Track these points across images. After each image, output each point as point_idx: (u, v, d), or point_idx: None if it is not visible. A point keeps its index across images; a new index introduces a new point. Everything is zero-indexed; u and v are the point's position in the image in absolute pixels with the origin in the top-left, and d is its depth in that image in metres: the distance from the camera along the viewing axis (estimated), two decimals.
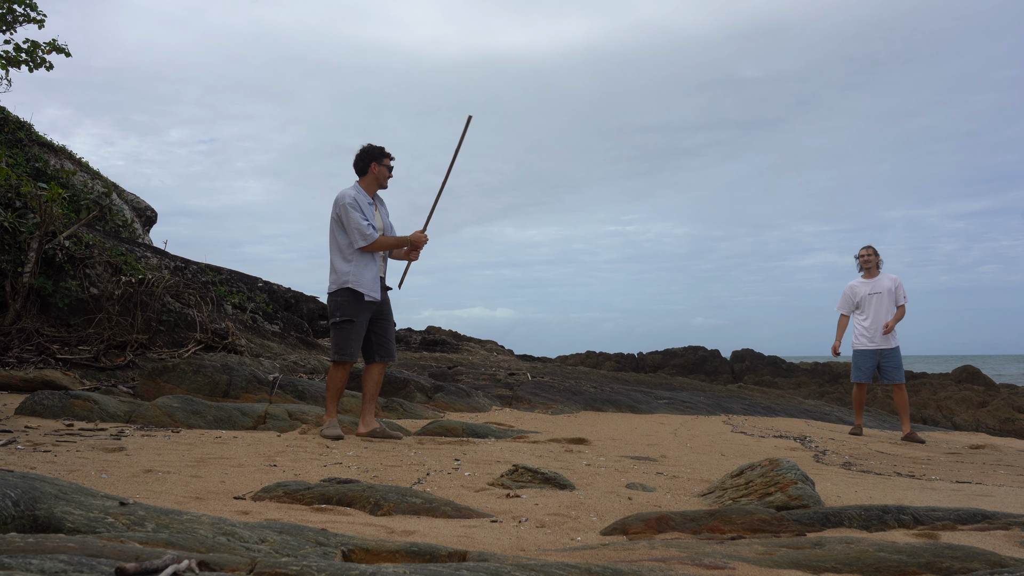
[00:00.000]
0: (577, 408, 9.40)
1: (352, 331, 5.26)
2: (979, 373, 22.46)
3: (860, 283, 8.16)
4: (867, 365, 8.06)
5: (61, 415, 5.53)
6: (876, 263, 8.14)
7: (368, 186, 5.42)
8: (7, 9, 10.29)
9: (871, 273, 8.13)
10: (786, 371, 27.30)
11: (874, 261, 8.12)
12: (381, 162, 5.41)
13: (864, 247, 8.23)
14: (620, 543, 2.57)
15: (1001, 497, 4.17)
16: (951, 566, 2.16)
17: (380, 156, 5.42)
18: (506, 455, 4.79)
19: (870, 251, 8.17)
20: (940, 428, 12.44)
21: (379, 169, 5.41)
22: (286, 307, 14.61)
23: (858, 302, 8.10)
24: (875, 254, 8.16)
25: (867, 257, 8.15)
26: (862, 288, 8.11)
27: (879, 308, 7.98)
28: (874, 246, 8.21)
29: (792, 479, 3.51)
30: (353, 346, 5.27)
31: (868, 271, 8.14)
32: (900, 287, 8.01)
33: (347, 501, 3.14)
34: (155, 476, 3.51)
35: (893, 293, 7.99)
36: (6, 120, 12.98)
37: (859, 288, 8.13)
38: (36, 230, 8.79)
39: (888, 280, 8.05)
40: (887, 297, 7.98)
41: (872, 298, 8.02)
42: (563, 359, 28.89)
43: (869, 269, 8.13)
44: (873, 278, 8.10)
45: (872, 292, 8.03)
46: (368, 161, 5.41)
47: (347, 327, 5.26)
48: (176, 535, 1.84)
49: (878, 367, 8.05)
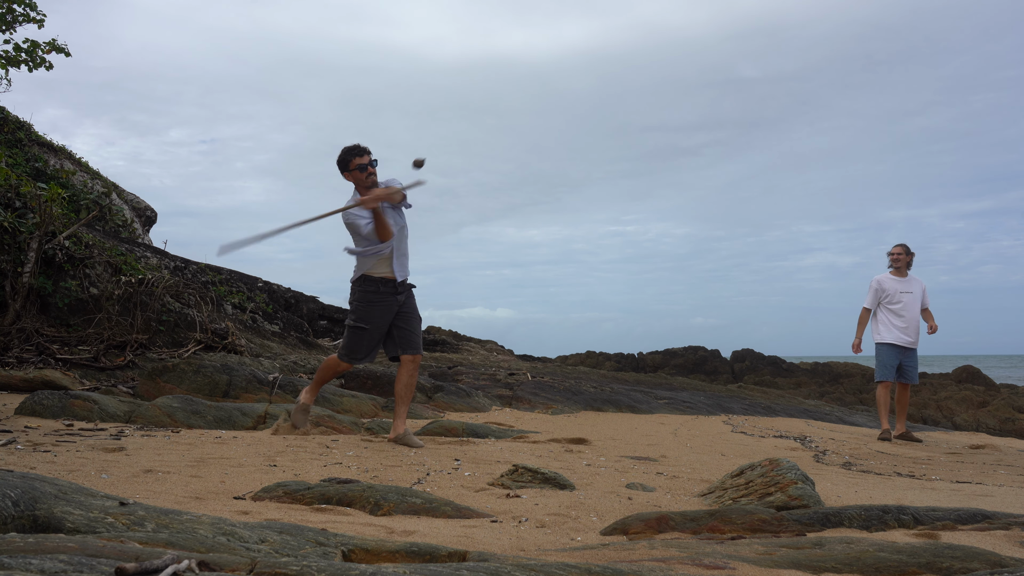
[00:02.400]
0: (577, 408, 9.39)
1: (364, 337, 5.02)
2: (979, 373, 22.45)
3: (890, 280, 7.86)
4: (893, 362, 7.74)
5: (61, 415, 5.53)
6: (907, 262, 7.89)
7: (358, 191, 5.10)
8: (7, 9, 10.29)
9: (901, 272, 7.88)
10: (786, 371, 27.30)
11: (905, 260, 7.87)
12: (349, 168, 4.98)
13: (897, 244, 7.95)
14: (620, 543, 2.57)
15: (1001, 497, 4.17)
16: (951, 566, 2.16)
17: (345, 164, 5.00)
18: (506, 455, 4.79)
19: (903, 249, 7.91)
20: (940, 428, 12.44)
21: (350, 176, 5.01)
22: (286, 307, 14.61)
23: (888, 299, 7.80)
24: (907, 252, 7.90)
25: (898, 255, 7.88)
26: (894, 285, 7.81)
27: (909, 307, 7.74)
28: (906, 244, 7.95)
29: (792, 479, 3.51)
30: (361, 352, 5.05)
31: (898, 270, 7.88)
32: (925, 292, 7.86)
33: (347, 501, 3.14)
34: (155, 476, 3.51)
35: (921, 296, 7.80)
36: (6, 120, 12.98)
37: (889, 285, 7.83)
38: (36, 230, 8.79)
39: (918, 283, 7.85)
40: (917, 299, 7.78)
41: (905, 296, 7.76)
42: (563, 359, 28.88)
43: (899, 268, 7.87)
44: (904, 277, 7.86)
45: (905, 291, 7.78)
46: (342, 170, 5.03)
47: (359, 332, 5.03)
48: (176, 535, 1.84)
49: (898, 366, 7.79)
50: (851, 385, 22.51)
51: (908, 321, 7.75)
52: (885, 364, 7.77)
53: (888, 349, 7.78)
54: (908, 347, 7.77)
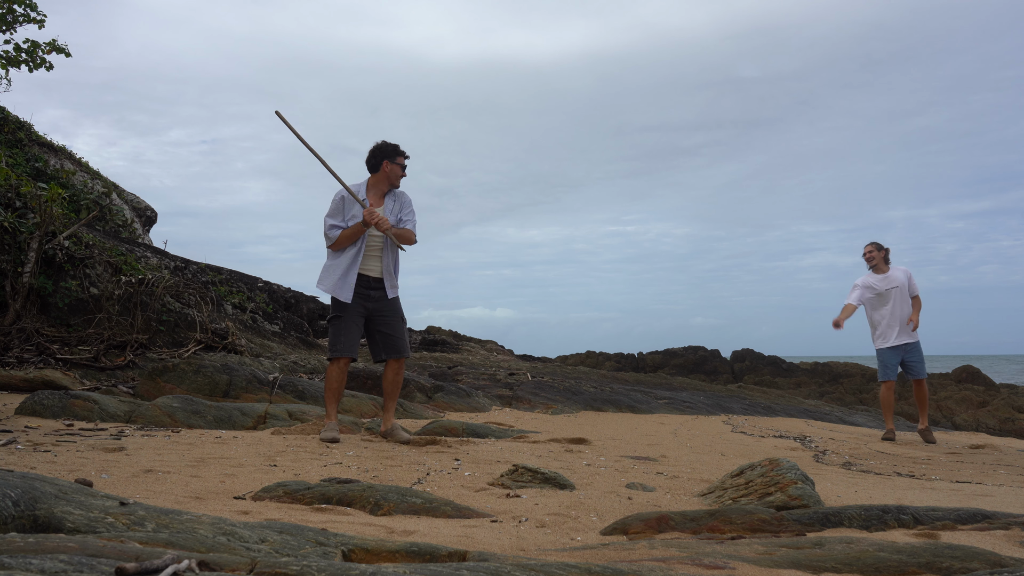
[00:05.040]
0: (577, 408, 9.39)
1: (339, 327, 5.20)
2: (979, 373, 22.45)
3: (872, 277, 7.82)
4: (893, 362, 7.73)
5: (61, 415, 5.53)
6: (883, 258, 7.84)
7: (378, 183, 5.35)
8: (7, 9, 10.29)
9: (880, 269, 7.83)
10: (786, 371, 27.30)
11: (879, 256, 7.83)
12: (394, 160, 5.32)
13: (867, 244, 7.93)
14: (620, 543, 2.57)
15: (1001, 497, 4.17)
16: (951, 566, 2.16)
17: (393, 154, 5.33)
18: (506, 455, 4.79)
19: (871, 247, 7.88)
20: (940, 428, 12.44)
21: (391, 167, 5.32)
22: (286, 307, 14.61)
23: (873, 298, 7.77)
24: (878, 249, 7.86)
25: (870, 253, 7.86)
26: (878, 283, 7.77)
27: (898, 302, 7.70)
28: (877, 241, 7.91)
29: (792, 479, 3.51)
30: (341, 342, 5.18)
31: (875, 267, 7.84)
32: (911, 278, 7.78)
33: (347, 501, 3.14)
34: (155, 476, 3.51)
35: (907, 286, 7.74)
36: (6, 120, 12.98)
37: (873, 283, 7.79)
38: (36, 230, 8.78)
39: (900, 272, 7.78)
40: (905, 291, 7.72)
41: (891, 292, 7.71)
42: (563, 359, 28.88)
43: (876, 266, 7.83)
44: (884, 273, 7.81)
45: (889, 287, 7.73)
46: (380, 159, 5.33)
47: (335, 323, 5.23)
48: (176, 535, 1.84)
49: (902, 363, 7.78)
50: (851, 385, 22.51)
51: (900, 319, 7.72)
52: (886, 364, 7.77)
53: (884, 351, 7.77)
54: (906, 343, 7.73)
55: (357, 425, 6.08)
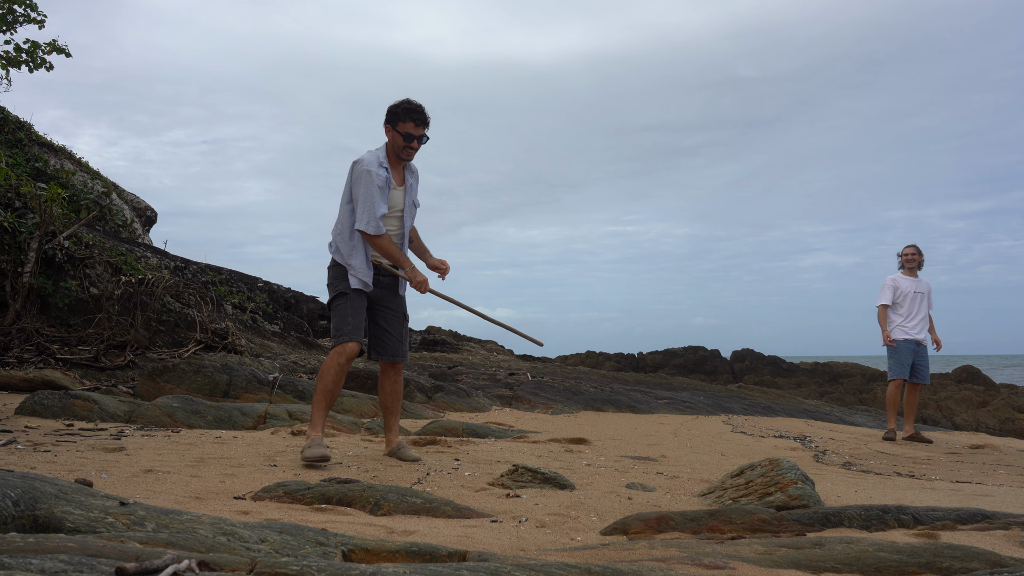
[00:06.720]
0: (577, 408, 9.39)
1: (347, 305, 4.25)
2: (979, 373, 22.43)
3: (903, 279, 7.93)
4: (908, 360, 7.77)
5: (61, 415, 5.53)
6: (919, 263, 7.98)
7: (389, 153, 4.35)
8: (7, 9, 10.28)
9: (913, 272, 7.96)
10: (786, 371, 27.29)
11: (917, 260, 7.96)
12: (396, 126, 4.27)
13: (909, 245, 8.03)
14: (620, 543, 2.57)
15: (1001, 497, 4.17)
16: (951, 566, 2.16)
17: (396, 118, 4.27)
18: (506, 455, 4.79)
19: (915, 250, 8.00)
20: (940, 428, 12.44)
21: (392, 135, 4.30)
22: (286, 307, 14.61)
23: (901, 298, 7.86)
24: (919, 253, 7.99)
25: (911, 256, 7.96)
26: (907, 285, 7.88)
27: (923, 307, 7.84)
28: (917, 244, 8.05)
29: (792, 479, 3.51)
30: (349, 323, 4.23)
31: (911, 270, 7.95)
32: (931, 293, 7.93)
33: (347, 501, 3.14)
34: (155, 476, 3.51)
35: (928, 298, 7.88)
36: (6, 120, 12.98)
37: (903, 284, 7.89)
38: (36, 230, 8.78)
39: (926, 284, 7.95)
40: (926, 300, 7.86)
41: (917, 296, 7.84)
42: (563, 359, 28.87)
43: (912, 268, 7.95)
44: (916, 278, 7.94)
45: (917, 291, 7.85)
46: (385, 121, 4.33)
47: (340, 301, 4.28)
48: (176, 535, 1.84)
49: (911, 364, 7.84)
50: (851, 385, 22.50)
51: (919, 320, 7.84)
52: (901, 362, 7.79)
53: (904, 345, 7.79)
54: (921, 342, 7.83)
55: (357, 425, 6.08)
